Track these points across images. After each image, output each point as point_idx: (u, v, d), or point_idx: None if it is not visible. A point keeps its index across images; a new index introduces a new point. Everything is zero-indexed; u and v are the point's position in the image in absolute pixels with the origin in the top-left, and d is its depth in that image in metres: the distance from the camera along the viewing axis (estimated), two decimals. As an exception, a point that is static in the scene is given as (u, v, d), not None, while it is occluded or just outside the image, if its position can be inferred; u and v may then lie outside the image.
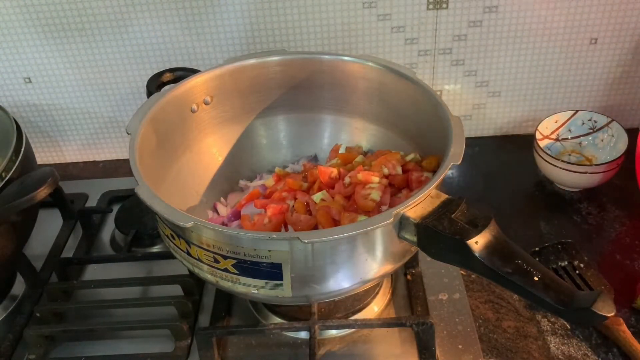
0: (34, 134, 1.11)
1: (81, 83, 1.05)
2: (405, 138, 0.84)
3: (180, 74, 0.89)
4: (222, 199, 0.87)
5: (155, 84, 0.88)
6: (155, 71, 1.03)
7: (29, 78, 1.04)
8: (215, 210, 0.86)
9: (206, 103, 0.84)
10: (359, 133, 0.90)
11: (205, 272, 0.67)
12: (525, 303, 0.79)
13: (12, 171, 0.76)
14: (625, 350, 0.72)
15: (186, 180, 0.83)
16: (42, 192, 0.73)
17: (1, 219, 0.72)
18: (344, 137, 0.91)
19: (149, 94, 0.87)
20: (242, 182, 0.90)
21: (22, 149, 0.80)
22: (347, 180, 0.78)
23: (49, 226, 0.95)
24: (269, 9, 0.97)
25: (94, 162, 1.14)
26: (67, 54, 1.02)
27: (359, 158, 0.84)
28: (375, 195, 0.74)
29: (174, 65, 1.02)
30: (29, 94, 1.06)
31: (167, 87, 0.81)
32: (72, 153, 1.14)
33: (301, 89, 0.88)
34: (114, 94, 1.06)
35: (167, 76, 0.90)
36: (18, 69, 1.03)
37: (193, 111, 0.83)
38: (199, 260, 0.65)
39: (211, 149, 0.88)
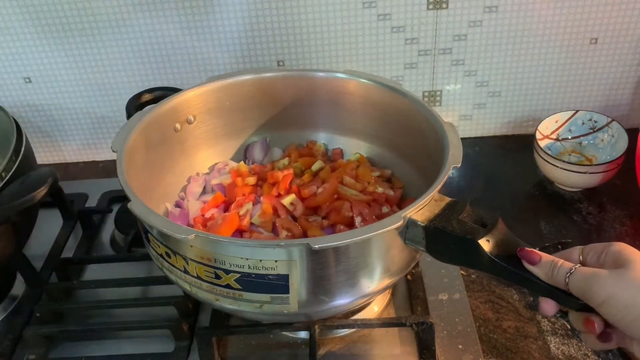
0: (34, 134, 1.11)
1: (81, 83, 1.05)
2: (398, 152, 0.84)
3: (160, 93, 0.88)
4: (181, 193, 0.85)
5: (134, 106, 0.87)
6: (155, 71, 1.03)
7: (29, 78, 1.04)
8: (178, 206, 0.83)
9: (189, 122, 0.83)
10: (351, 150, 0.89)
11: (204, 291, 0.65)
12: (525, 303, 0.80)
13: (12, 171, 0.76)
14: (625, 350, 0.72)
15: (171, 202, 0.82)
16: (42, 192, 0.73)
17: (1, 219, 0.72)
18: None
19: (129, 115, 0.86)
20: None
21: (22, 149, 0.80)
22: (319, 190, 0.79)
23: (49, 226, 0.95)
24: (269, 9, 0.97)
25: (94, 162, 1.14)
26: (67, 54, 1.02)
27: (317, 164, 0.85)
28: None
29: (174, 65, 1.03)
30: (29, 94, 1.06)
31: (148, 107, 0.79)
32: (72, 153, 1.14)
33: (285, 107, 0.88)
34: (114, 94, 1.06)
35: (146, 97, 0.89)
36: (18, 69, 1.03)
37: (176, 130, 0.82)
38: (198, 277, 0.64)
39: (194, 172, 0.87)
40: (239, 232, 0.76)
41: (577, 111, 1.00)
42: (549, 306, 0.56)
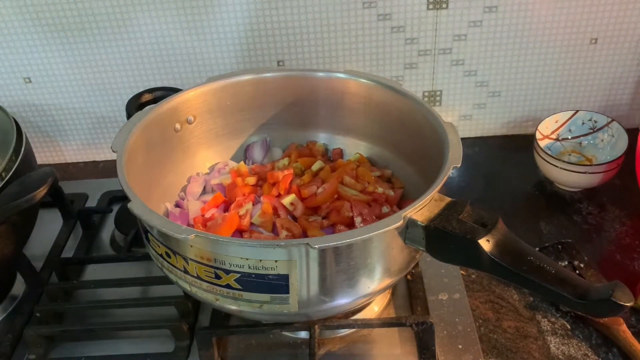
0: (34, 134, 1.11)
1: (81, 83, 1.05)
2: (398, 152, 0.84)
3: (160, 94, 0.89)
4: (181, 193, 0.85)
5: (135, 106, 0.87)
6: (155, 71, 1.03)
7: (29, 78, 1.04)
8: (178, 206, 0.83)
9: (189, 122, 0.83)
10: (351, 150, 0.89)
11: (204, 291, 0.65)
12: (525, 303, 0.80)
13: (12, 171, 0.76)
14: (625, 350, 0.72)
15: (171, 202, 0.82)
16: (42, 192, 0.73)
17: (1, 219, 0.72)
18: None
19: (129, 115, 0.86)
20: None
21: (22, 149, 0.80)
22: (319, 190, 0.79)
23: (49, 226, 0.95)
24: (269, 9, 0.97)
25: (94, 162, 1.14)
26: (67, 54, 1.02)
27: (317, 164, 0.84)
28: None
29: (174, 65, 1.03)
30: (29, 94, 1.06)
31: (148, 107, 0.79)
32: (72, 153, 1.14)
33: (285, 107, 0.88)
34: (114, 94, 1.06)
35: (146, 97, 0.89)
36: (18, 69, 1.03)
37: (176, 131, 0.82)
38: (198, 277, 0.64)
39: (194, 172, 0.87)
40: (239, 232, 0.76)
41: (577, 111, 1.00)
42: None
